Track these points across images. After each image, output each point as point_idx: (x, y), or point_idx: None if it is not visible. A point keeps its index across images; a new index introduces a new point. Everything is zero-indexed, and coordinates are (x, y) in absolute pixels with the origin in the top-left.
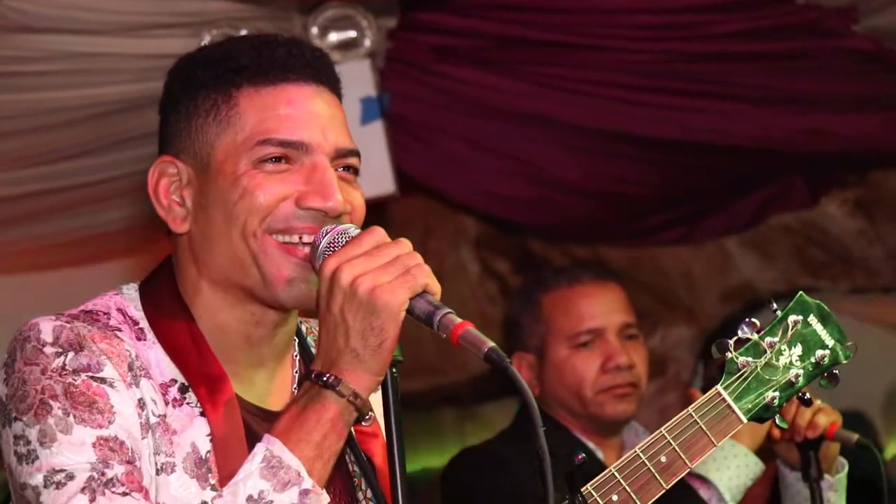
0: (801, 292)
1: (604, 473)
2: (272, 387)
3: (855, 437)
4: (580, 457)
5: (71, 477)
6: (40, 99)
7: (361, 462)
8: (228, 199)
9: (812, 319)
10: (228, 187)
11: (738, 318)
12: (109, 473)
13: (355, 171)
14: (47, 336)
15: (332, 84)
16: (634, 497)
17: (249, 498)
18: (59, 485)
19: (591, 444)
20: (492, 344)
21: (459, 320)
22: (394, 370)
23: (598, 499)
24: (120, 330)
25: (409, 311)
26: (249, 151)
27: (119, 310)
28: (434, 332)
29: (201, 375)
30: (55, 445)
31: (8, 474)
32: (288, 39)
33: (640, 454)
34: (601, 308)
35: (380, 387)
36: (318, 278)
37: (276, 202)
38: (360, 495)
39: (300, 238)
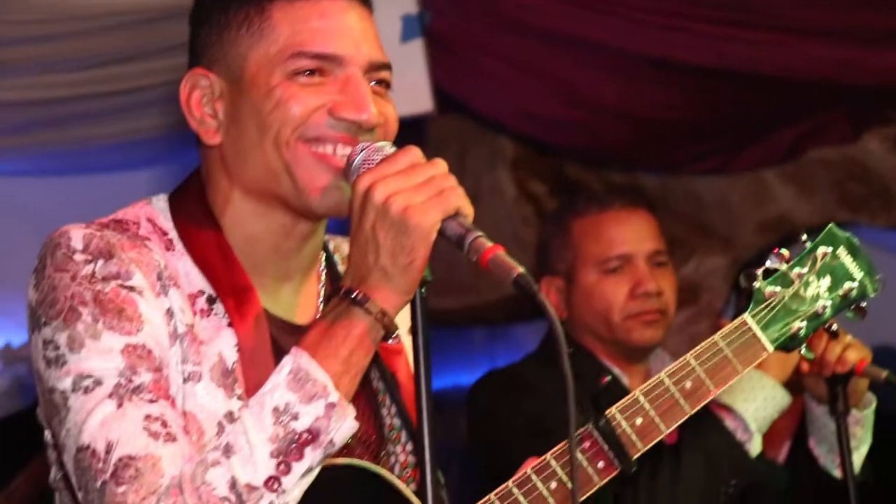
0: (831, 224)
1: (628, 397)
2: (298, 300)
3: (884, 373)
4: (605, 378)
5: (99, 382)
6: (77, 4)
7: (385, 377)
8: (262, 110)
9: (841, 252)
10: (262, 99)
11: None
12: (137, 380)
13: (387, 84)
14: (77, 243)
15: None
16: (658, 421)
17: (276, 409)
18: (86, 390)
19: (616, 370)
20: (521, 269)
21: (490, 244)
22: (422, 289)
23: (623, 421)
24: (149, 240)
25: (441, 233)
26: (283, 64)
27: (149, 220)
28: (464, 254)
29: (229, 287)
30: (84, 351)
31: (36, 378)
32: None
33: (666, 379)
34: (631, 234)
35: (408, 305)
36: (351, 194)
37: (309, 112)
38: (384, 411)
39: (334, 148)
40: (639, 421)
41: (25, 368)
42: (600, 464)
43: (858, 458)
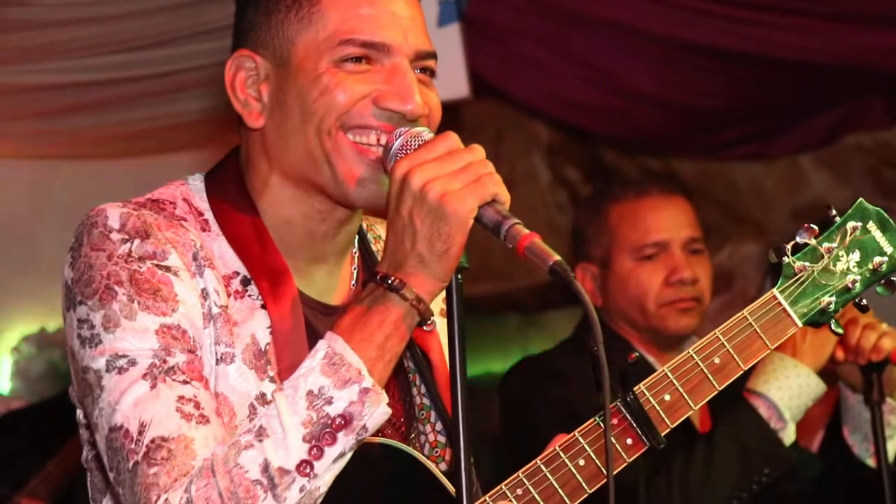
0: (860, 199)
1: (656, 373)
2: (332, 282)
3: None
4: (633, 355)
5: (133, 363)
6: None
7: (417, 358)
8: (308, 96)
9: (871, 226)
10: (308, 84)
11: None
12: (171, 361)
13: (432, 73)
14: (114, 222)
15: None
16: (686, 397)
17: (310, 393)
18: (121, 370)
19: (650, 358)
20: (557, 257)
21: (526, 231)
22: (459, 276)
23: (651, 398)
24: (185, 220)
25: (478, 220)
26: (331, 50)
27: (185, 200)
28: (501, 241)
29: (264, 268)
30: (119, 331)
31: (70, 357)
32: None
33: (694, 355)
34: (667, 221)
35: (444, 291)
36: (388, 179)
37: (354, 101)
38: (415, 391)
39: (377, 138)
40: (667, 397)
41: (60, 353)
42: (629, 440)
43: (893, 447)
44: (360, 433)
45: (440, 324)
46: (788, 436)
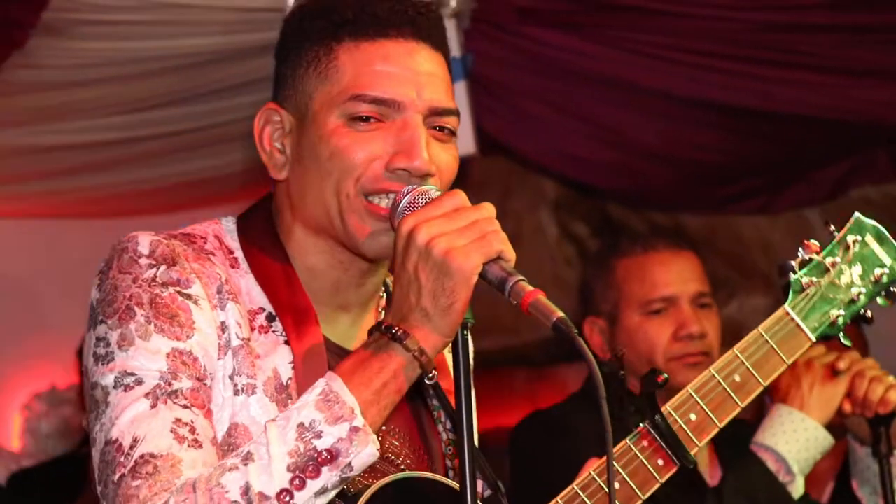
0: (857, 213)
1: (680, 394)
2: (355, 332)
3: None
4: (662, 377)
5: (139, 382)
6: (133, 48)
7: (442, 398)
8: (320, 154)
9: (869, 239)
10: (318, 142)
11: None
12: (175, 385)
13: (451, 131)
14: (144, 248)
15: (434, 41)
16: (711, 415)
17: (300, 425)
18: (126, 387)
19: None
20: (561, 314)
21: (531, 288)
22: (465, 331)
23: (678, 418)
24: (214, 255)
25: (482, 276)
26: (342, 105)
27: (216, 237)
28: (505, 298)
29: (290, 306)
30: (132, 350)
31: (84, 376)
32: None
33: (715, 374)
34: (675, 276)
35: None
36: (395, 235)
37: (366, 163)
38: (440, 427)
39: (389, 196)
40: (693, 416)
41: (71, 410)
42: (660, 461)
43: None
44: (344, 471)
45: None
46: (797, 489)
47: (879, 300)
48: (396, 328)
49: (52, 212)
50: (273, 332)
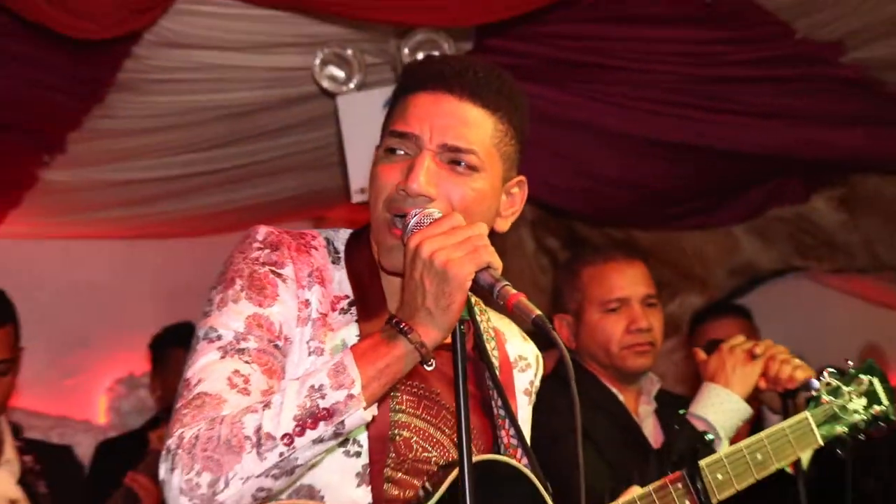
0: (870, 360)
1: (715, 456)
2: None
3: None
4: (709, 437)
5: (219, 337)
6: (191, 100)
7: (497, 383)
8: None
9: (876, 381)
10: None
11: (744, 290)
12: (244, 344)
13: (469, 166)
14: (259, 236)
15: (461, 93)
16: (734, 480)
17: (311, 387)
18: (210, 340)
19: (614, 390)
20: (538, 312)
21: (514, 292)
22: (461, 325)
23: (708, 474)
24: (316, 249)
25: (475, 282)
26: (384, 139)
27: (326, 238)
28: (494, 299)
29: (367, 296)
30: (224, 309)
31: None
32: (453, 58)
33: (744, 449)
34: (628, 281)
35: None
36: (405, 249)
37: (389, 185)
38: (493, 404)
39: (402, 217)
40: (720, 476)
41: (145, 392)
42: (687, 502)
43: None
44: (337, 427)
45: (523, 378)
46: (724, 448)
47: (871, 427)
48: (404, 324)
49: (128, 233)
50: (350, 314)
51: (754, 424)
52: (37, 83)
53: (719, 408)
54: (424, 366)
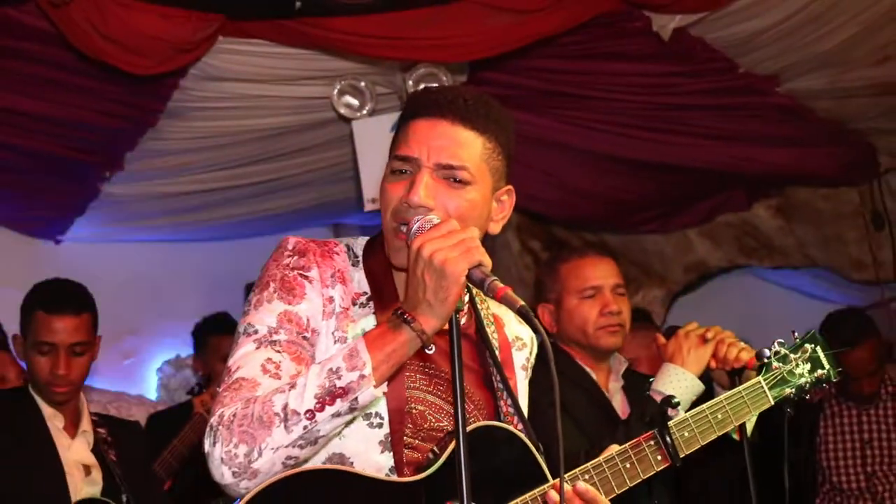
0: (813, 330)
1: (681, 416)
2: None
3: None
4: (675, 401)
5: (256, 331)
6: (224, 126)
7: (497, 361)
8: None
9: (818, 348)
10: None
11: (696, 284)
12: (275, 337)
13: (460, 181)
14: (290, 245)
15: (454, 117)
16: (698, 437)
17: (330, 370)
18: (248, 334)
19: (587, 369)
20: (522, 303)
21: (502, 285)
22: (457, 314)
23: (676, 433)
24: (338, 254)
25: (468, 277)
26: (391, 161)
27: (347, 245)
28: (484, 292)
29: (382, 291)
30: (260, 308)
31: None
32: (447, 89)
33: (706, 410)
34: (601, 272)
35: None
36: (409, 250)
37: (395, 200)
38: (494, 380)
39: (407, 226)
40: (686, 434)
41: (190, 372)
42: (659, 457)
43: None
44: (352, 403)
45: (520, 356)
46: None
47: (815, 388)
48: (408, 315)
49: (173, 236)
50: (368, 308)
51: (704, 398)
52: (99, 111)
53: (677, 385)
54: (426, 349)
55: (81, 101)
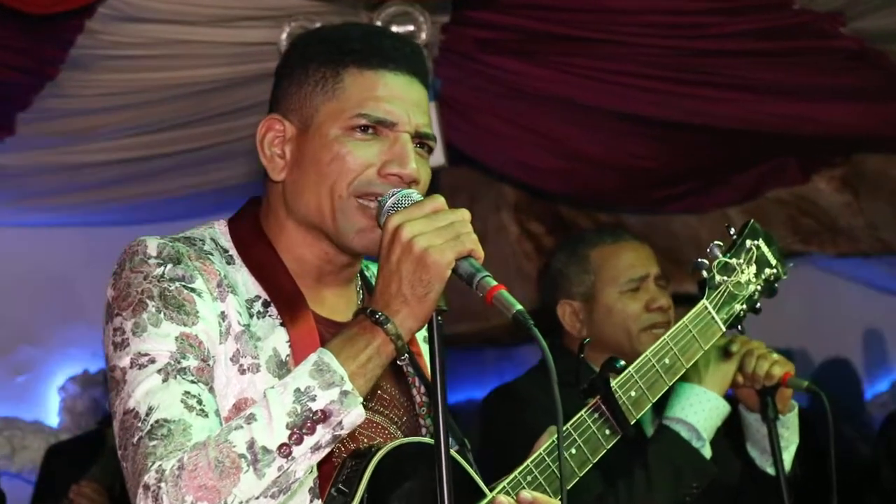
0: (752, 220)
1: (625, 374)
2: (342, 302)
3: (805, 383)
4: (622, 365)
5: (152, 361)
6: (144, 78)
7: (416, 366)
8: (321, 159)
9: (761, 243)
10: (321, 148)
11: None
12: (184, 363)
13: (429, 149)
14: (152, 250)
15: (422, 76)
16: (647, 393)
17: (297, 390)
18: (141, 366)
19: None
20: (519, 307)
21: (494, 283)
22: (439, 317)
23: (622, 395)
24: (212, 255)
25: (454, 271)
26: (348, 120)
27: (212, 239)
28: (473, 290)
29: (281, 293)
30: (145, 335)
31: (105, 363)
32: (392, 34)
33: (650, 357)
34: (644, 260)
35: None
36: (382, 231)
37: (362, 168)
38: (415, 391)
39: (377, 200)
40: (633, 394)
41: (101, 391)
42: (607, 431)
43: (788, 456)
44: (336, 428)
45: (424, 349)
46: (707, 452)
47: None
48: (380, 313)
49: (84, 219)
50: (269, 316)
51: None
52: None
53: (699, 408)
54: (398, 361)
55: None
